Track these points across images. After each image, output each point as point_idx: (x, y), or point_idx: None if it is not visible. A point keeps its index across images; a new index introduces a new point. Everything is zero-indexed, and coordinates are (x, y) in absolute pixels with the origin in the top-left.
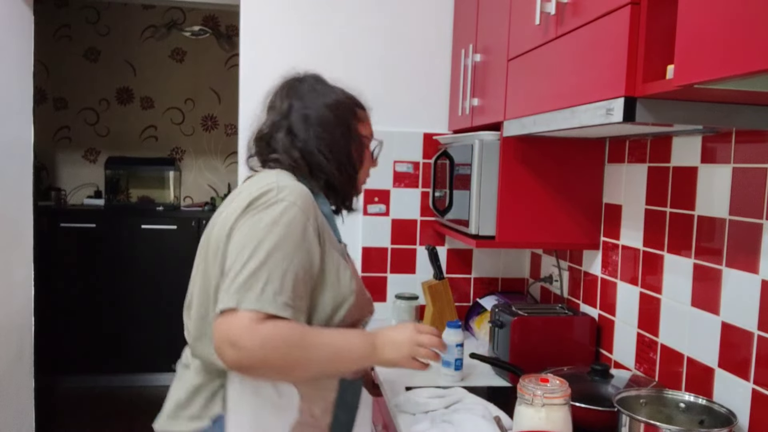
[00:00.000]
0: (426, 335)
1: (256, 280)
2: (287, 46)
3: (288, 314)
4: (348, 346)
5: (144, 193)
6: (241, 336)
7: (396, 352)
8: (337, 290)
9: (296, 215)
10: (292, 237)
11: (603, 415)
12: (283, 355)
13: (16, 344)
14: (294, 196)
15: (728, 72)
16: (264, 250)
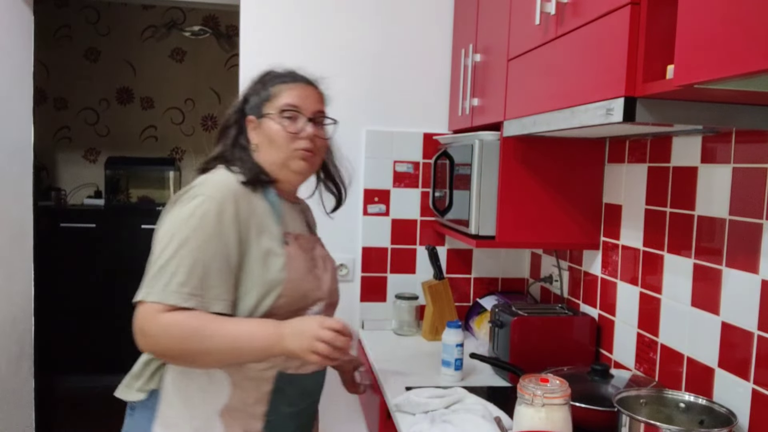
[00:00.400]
0: (327, 331)
1: (164, 273)
2: (287, 46)
3: (192, 304)
4: (249, 336)
5: (144, 193)
6: (146, 325)
7: (296, 344)
8: (264, 278)
9: (210, 207)
10: (205, 229)
11: (603, 415)
12: (181, 343)
13: (16, 344)
14: (212, 190)
15: (728, 72)
16: (176, 242)
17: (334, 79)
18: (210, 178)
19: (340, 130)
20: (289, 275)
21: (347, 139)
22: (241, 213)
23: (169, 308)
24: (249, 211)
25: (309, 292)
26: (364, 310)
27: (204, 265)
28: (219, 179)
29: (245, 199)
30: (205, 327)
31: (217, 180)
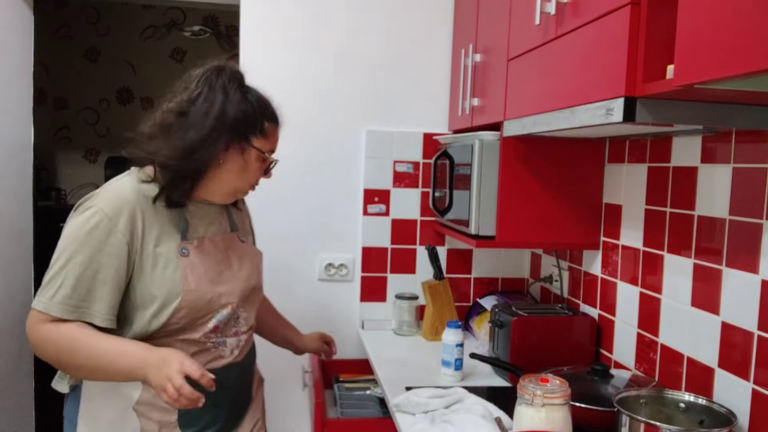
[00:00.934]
0: (178, 378)
1: (52, 285)
2: (287, 46)
3: (74, 317)
4: (116, 357)
5: None
6: (29, 332)
7: (154, 377)
8: (160, 290)
9: (101, 221)
10: (93, 241)
11: (603, 415)
12: (55, 354)
13: (16, 344)
14: (104, 202)
15: (728, 72)
16: (66, 254)
17: (334, 79)
18: (108, 189)
19: (340, 130)
20: (187, 285)
21: (347, 139)
22: (135, 224)
23: (52, 319)
24: (146, 224)
25: (213, 299)
26: (364, 310)
27: (90, 278)
28: (118, 190)
29: (143, 210)
30: (78, 342)
31: (115, 191)
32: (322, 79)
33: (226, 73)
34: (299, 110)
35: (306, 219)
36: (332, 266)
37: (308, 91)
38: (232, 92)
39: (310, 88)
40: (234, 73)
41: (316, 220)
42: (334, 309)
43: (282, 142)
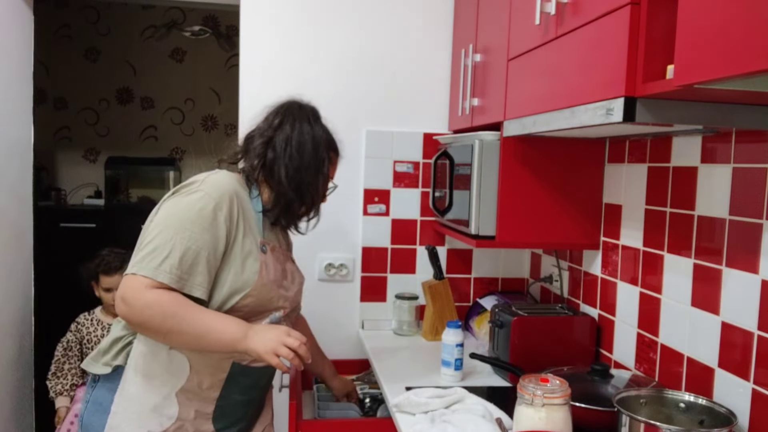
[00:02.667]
0: (293, 339)
1: (159, 253)
2: (287, 46)
3: (178, 286)
4: (220, 327)
5: (144, 193)
6: (130, 295)
7: (261, 345)
8: (239, 276)
9: (208, 203)
10: (201, 221)
11: (603, 415)
12: (160, 319)
13: (16, 344)
14: (212, 188)
15: (728, 72)
16: (173, 228)
17: (334, 79)
18: (212, 177)
19: (340, 130)
20: (260, 279)
21: (347, 139)
22: (233, 214)
23: (156, 286)
24: (240, 214)
25: (274, 299)
26: (364, 310)
27: (195, 253)
28: (220, 179)
29: (239, 202)
30: (185, 311)
31: (218, 180)
32: (322, 79)
33: (306, 109)
34: None
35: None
36: (332, 266)
37: (308, 91)
38: (316, 125)
39: (310, 88)
40: (315, 110)
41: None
42: (334, 309)
43: None
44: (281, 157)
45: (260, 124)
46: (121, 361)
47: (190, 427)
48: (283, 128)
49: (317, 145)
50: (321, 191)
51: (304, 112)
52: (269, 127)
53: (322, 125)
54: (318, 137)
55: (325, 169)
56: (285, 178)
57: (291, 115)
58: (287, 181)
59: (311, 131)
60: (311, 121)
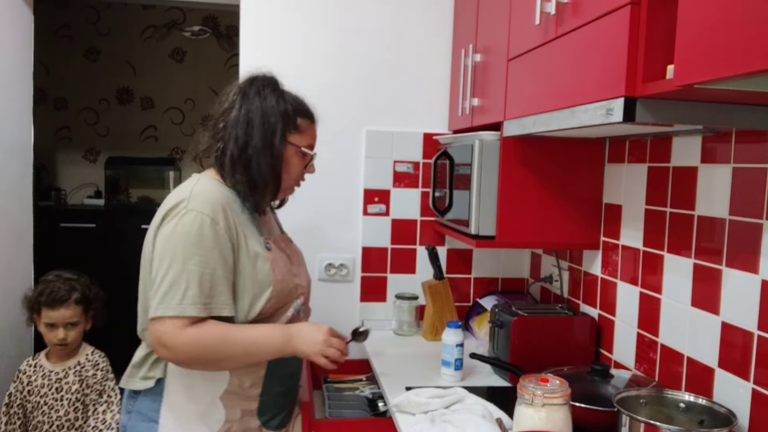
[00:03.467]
0: (337, 339)
1: (177, 288)
2: (287, 46)
3: (206, 313)
4: (265, 339)
5: (144, 193)
6: (169, 339)
7: (309, 346)
8: (255, 282)
9: (204, 222)
10: (204, 242)
11: (603, 415)
12: (207, 354)
13: (16, 344)
14: (201, 205)
15: (728, 72)
16: (180, 258)
17: (334, 79)
18: (196, 190)
19: (340, 130)
20: (275, 276)
21: (347, 139)
22: (230, 222)
23: (189, 322)
24: (235, 219)
25: (292, 290)
26: (364, 310)
27: (210, 276)
28: (207, 193)
29: (230, 208)
30: (228, 336)
31: (203, 192)
32: (322, 79)
33: (258, 81)
34: None
35: (306, 219)
36: (332, 266)
37: (308, 91)
38: (270, 97)
39: (310, 88)
40: (267, 80)
41: (316, 220)
42: (334, 309)
43: None
44: (228, 143)
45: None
46: (160, 373)
47: (239, 426)
48: (232, 109)
49: (266, 116)
50: (277, 166)
51: (254, 86)
52: (223, 112)
53: (278, 94)
54: (267, 108)
55: (276, 140)
56: (231, 162)
57: (241, 93)
58: (234, 164)
59: (260, 104)
60: (262, 92)
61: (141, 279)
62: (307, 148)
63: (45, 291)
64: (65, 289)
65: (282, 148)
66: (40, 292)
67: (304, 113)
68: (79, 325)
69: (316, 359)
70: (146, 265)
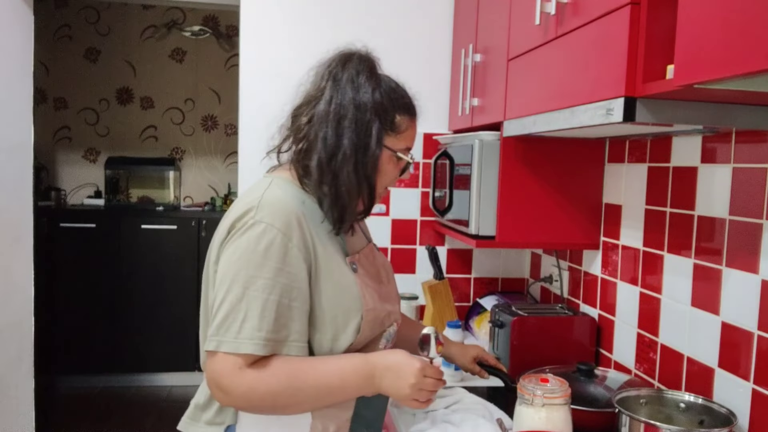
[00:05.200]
0: (430, 380)
1: (234, 319)
2: (287, 46)
3: (267, 351)
4: (340, 380)
5: (144, 193)
6: (226, 382)
7: (395, 389)
8: (339, 308)
9: (275, 238)
10: (271, 262)
11: (594, 416)
12: (271, 399)
13: (16, 344)
14: (272, 216)
15: (728, 72)
16: (241, 281)
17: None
18: (266, 198)
19: None
20: (367, 305)
21: None
22: (306, 238)
23: (247, 361)
24: (313, 233)
25: (384, 318)
26: None
27: (276, 304)
28: (281, 201)
29: (307, 221)
30: (294, 378)
31: (277, 202)
32: None
33: (353, 64)
34: None
35: None
36: None
37: None
38: (366, 85)
39: None
40: (363, 61)
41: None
42: None
43: None
44: (314, 144)
45: (305, 96)
46: (230, 419)
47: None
48: (317, 103)
49: (360, 112)
50: (370, 173)
51: (348, 70)
52: (307, 103)
53: (374, 82)
54: (361, 102)
55: (373, 141)
56: (317, 169)
57: (331, 78)
58: (321, 169)
59: (353, 96)
60: (356, 80)
61: (202, 302)
62: (403, 153)
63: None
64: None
65: (378, 153)
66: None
67: (404, 108)
68: None
69: (407, 403)
70: (206, 285)
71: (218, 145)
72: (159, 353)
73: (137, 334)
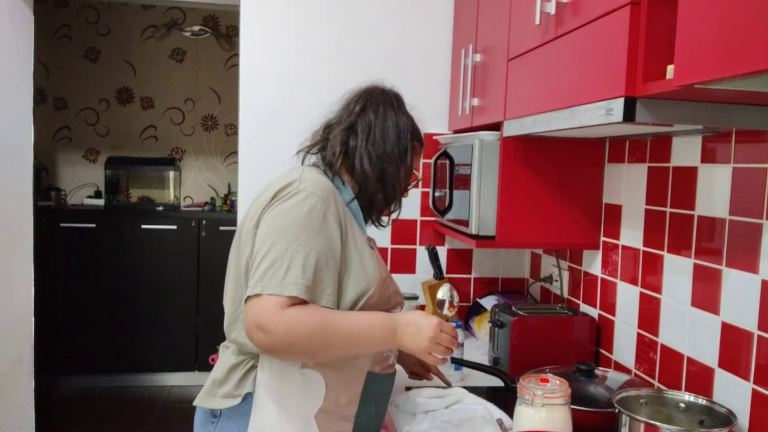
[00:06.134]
0: (446, 335)
1: (279, 266)
2: (287, 46)
3: (308, 297)
4: (369, 332)
5: (144, 193)
6: (267, 320)
7: (415, 344)
8: (362, 277)
9: (316, 203)
10: (312, 224)
11: (592, 416)
12: (306, 339)
13: (16, 344)
14: (313, 186)
15: (728, 72)
16: (285, 237)
17: (334, 79)
18: (307, 176)
19: None
20: (380, 275)
21: None
22: (339, 211)
23: (289, 302)
24: (345, 212)
25: (392, 295)
26: None
27: (315, 259)
28: (320, 179)
29: (339, 199)
30: (328, 322)
31: (317, 178)
32: (322, 79)
33: (389, 94)
34: (299, 110)
35: None
36: None
37: (308, 91)
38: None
39: (310, 88)
40: (398, 95)
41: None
42: None
43: (282, 142)
44: (363, 145)
45: (340, 111)
46: (249, 387)
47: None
48: (366, 114)
49: (400, 132)
50: (403, 183)
51: (387, 97)
52: (350, 114)
53: (405, 112)
54: (402, 125)
55: (408, 158)
56: (369, 166)
57: (374, 100)
58: (371, 169)
59: (395, 118)
60: (395, 107)
61: (229, 271)
62: (416, 173)
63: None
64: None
65: (410, 166)
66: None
67: (420, 136)
68: None
69: (424, 357)
70: (239, 249)
71: (218, 145)
72: (159, 353)
73: (137, 334)
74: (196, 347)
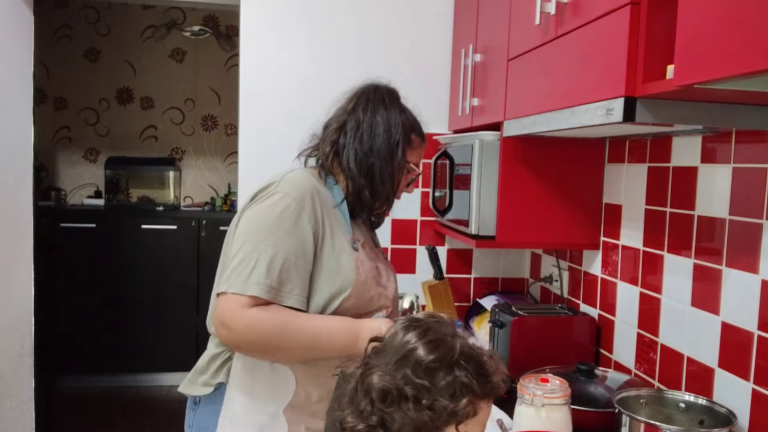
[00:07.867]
0: None
1: (246, 266)
2: (287, 46)
3: (271, 297)
4: (329, 336)
5: (144, 193)
6: (228, 318)
7: None
8: (335, 278)
9: (290, 204)
10: (284, 224)
11: (599, 417)
12: (265, 338)
13: (17, 344)
14: (290, 188)
15: (728, 72)
16: (256, 237)
17: (334, 79)
18: (288, 176)
19: None
20: (358, 277)
21: None
22: (317, 212)
23: (251, 302)
24: (324, 212)
25: (374, 297)
26: None
27: (282, 259)
28: (299, 179)
29: (321, 199)
30: (289, 323)
31: (296, 179)
32: (321, 79)
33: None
34: (299, 110)
35: None
36: None
37: (308, 91)
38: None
39: (310, 87)
40: (391, 90)
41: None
42: None
43: (282, 142)
44: (351, 142)
45: (337, 111)
46: (222, 378)
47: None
48: (356, 112)
49: (390, 127)
50: (395, 178)
51: (378, 93)
52: (343, 113)
53: (399, 107)
54: (393, 119)
55: (399, 153)
56: (354, 163)
57: (365, 97)
58: (356, 165)
59: (385, 113)
60: (386, 102)
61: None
62: (416, 167)
63: None
64: None
65: (402, 161)
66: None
67: (419, 130)
68: None
69: None
70: (227, 247)
71: (218, 145)
72: (159, 353)
73: (137, 334)
74: (196, 347)
